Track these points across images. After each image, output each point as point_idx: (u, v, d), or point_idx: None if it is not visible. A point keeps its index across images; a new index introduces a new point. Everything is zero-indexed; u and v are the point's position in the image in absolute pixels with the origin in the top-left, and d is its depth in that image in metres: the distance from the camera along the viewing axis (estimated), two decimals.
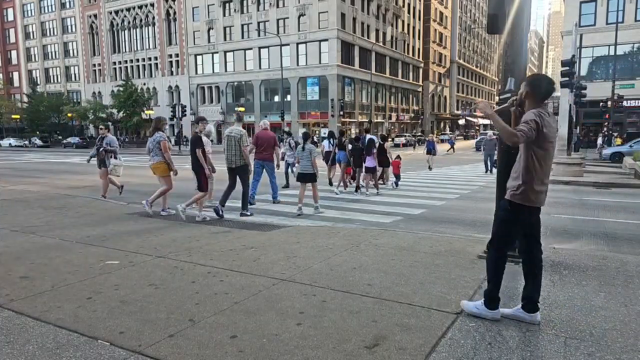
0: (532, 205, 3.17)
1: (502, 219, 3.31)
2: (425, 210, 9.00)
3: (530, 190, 3.12)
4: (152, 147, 8.04)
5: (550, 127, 3.09)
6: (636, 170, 15.05)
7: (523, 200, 3.15)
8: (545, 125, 3.02)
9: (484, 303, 3.34)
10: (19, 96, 70.36)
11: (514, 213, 3.21)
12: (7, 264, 4.78)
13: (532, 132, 2.99)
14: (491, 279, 3.33)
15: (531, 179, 3.12)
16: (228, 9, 53.19)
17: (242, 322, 3.27)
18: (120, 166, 10.55)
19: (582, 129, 33.99)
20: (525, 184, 3.13)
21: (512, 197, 3.20)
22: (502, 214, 3.31)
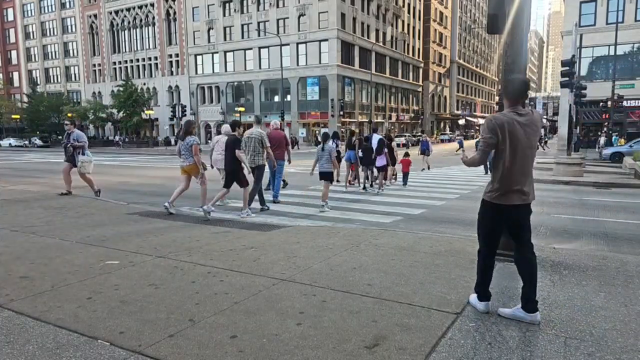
0: (502, 204, 3.24)
1: (479, 218, 3.47)
2: (425, 210, 9.00)
3: (499, 189, 3.24)
4: (184, 149, 8.32)
5: (514, 126, 3.15)
6: (636, 170, 15.05)
7: (492, 199, 3.28)
8: (499, 125, 3.14)
9: (477, 296, 3.51)
10: (19, 96, 70.38)
11: (486, 211, 3.36)
12: (7, 264, 4.78)
13: (485, 152, 3.26)
14: (477, 275, 3.52)
15: (499, 178, 3.24)
16: (228, 9, 53.20)
17: (242, 322, 3.27)
18: (89, 162, 10.13)
19: (582, 129, 34.00)
20: (493, 182, 3.29)
21: (484, 195, 3.38)
22: (479, 212, 3.47)
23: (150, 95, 56.91)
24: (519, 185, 3.22)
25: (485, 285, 3.46)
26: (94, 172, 10.37)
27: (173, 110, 39.26)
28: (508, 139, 3.15)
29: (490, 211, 3.32)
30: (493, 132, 3.17)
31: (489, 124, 3.20)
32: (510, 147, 3.16)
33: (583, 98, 23.28)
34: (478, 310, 3.47)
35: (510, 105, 3.25)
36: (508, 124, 3.15)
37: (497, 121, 3.17)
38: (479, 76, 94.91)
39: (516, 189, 3.22)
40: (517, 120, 3.17)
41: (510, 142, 3.15)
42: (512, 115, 3.18)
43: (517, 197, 3.23)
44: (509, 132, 3.15)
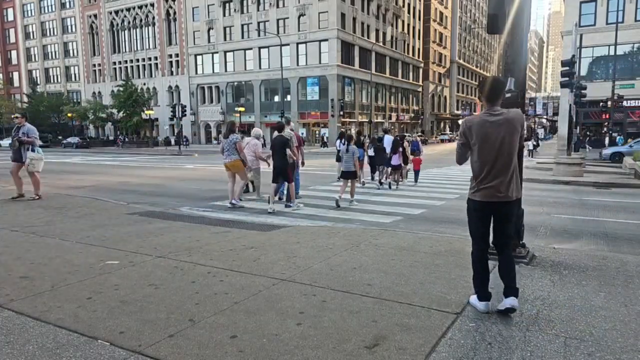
0: (480, 200, 3.36)
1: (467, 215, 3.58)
2: (425, 210, 9.00)
3: (475, 186, 3.40)
4: (228, 147, 9.12)
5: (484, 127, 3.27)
6: (636, 170, 15.05)
7: (470, 195, 3.46)
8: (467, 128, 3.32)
9: (476, 296, 3.54)
10: (19, 96, 70.37)
11: (468, 208, 3.51)
12: (7, 264, 4.78)
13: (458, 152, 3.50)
14: (473, 273, 3.58)
15: (475, 175, 3.39)
16: (228, 9, 53.20)
17: (242, 322, 3.27)
18: (38, 160, 9.37)
19: (582, 129, 34.01)
20: (472, 180, 3.46)
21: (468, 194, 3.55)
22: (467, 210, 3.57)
23: (150, 95, 56.90)
24: (493, 182, 3.30)
25: (484, 285, 3.48)
26: (94, 172, 10.35)
27: (173, 111, 39.21)
28: (478, 139, 3.28)
29: (471, 208, 3.46)
30: (462, 134, 3.38)
31: (461, 126, 3.43)
32: (480, 147, 3.29)
33: (583, 98, 23.28)
34: (478, 310, 3.48)
35: (486, 105, 3.36)
36: (477, 125, 3.29)
37: (467, 123, 3.36)
38: (479, 76, 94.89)
39: (490, 186, 3.31)
40: (488, 120, 3.28)
41: (482, 142, 3.27)
42: (484, 116, 3.31)
43: (492, 194, 3.32)
44: (479, 133, 3.27)
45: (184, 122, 45.12)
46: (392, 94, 61.06)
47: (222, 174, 8.78)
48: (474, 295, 3.59)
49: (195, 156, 32.48)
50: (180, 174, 17.73)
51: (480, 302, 3.48)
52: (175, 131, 45.05)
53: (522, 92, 4.82)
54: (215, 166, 22.14)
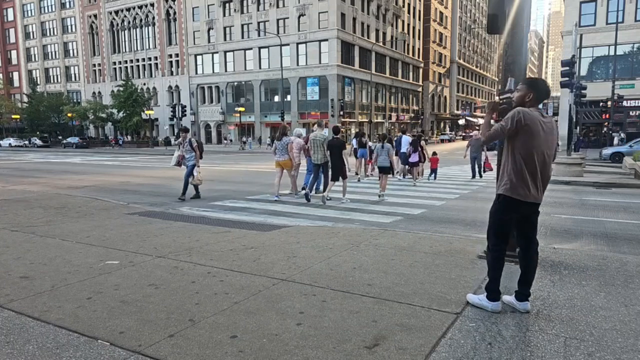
0: (518, 199, 3.26)
1: (493, 212, 3.46)
2: (425, 210, 9.00)
3: (516, 183, 3.25)
4: (281, 148, 10.32)
5: (535, 123, 3.17)
6: (636, 170, 15.05)
7: (507, 192, 3.29)
8: (525, 118, 3.15)
9: (486, 295, 3.49)
10: (19, 96, 70.40)
11: (501, 204, 3.36)
12: (7, 264, 4.78)
13: (497, 133, 3.28)
14: (489, 273, 3.51)
15: (515, 171, 3.25)
16: (228, 9, 53.19)
17: (242, 322, 3.27)
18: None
19: (582, 129, 34.01)
20: (509, 176, 3.29)
21: (499, 190, 3.39)
22: (493, 207, 3.46)
23: (150, 95, 56.94)
24: (530, 183, 3.24)
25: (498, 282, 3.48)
26: (94, 172, 10.36)
27: (173, 110, 39.27)
28: (529, 134, 3.16)
29: (504, 206, 3.34)
30: (514, 121, 3.16)
31: (515, 114, 3.18)
32: (527, 143, 3.18)
33: (583, 98, 23.28)
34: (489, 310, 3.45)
35: (534, 105, 3.27)
36: (533, 120, 3.16)
37: (524, 114, 3.16)
38: (479, 76, 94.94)
39: (527, 186, 3.24)
40: (542, 120, 3.21)
41: (530, 139, 3.17)
42: (537, 114, 3.21)
43: (527, 194, 3.25)
44: (534, 129, 3.16)
45: (184, 122, 45.04)
46: (392, 94, 61.06)
47: (222, 174, 8.84)
48: (475, 296, 3.61)
49: None
50: (180, 174, 17.66)
51: (492, 302, 3.46)
52: (175, 131, 45.04)
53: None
54: (216, 166, 22.15)
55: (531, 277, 3.45)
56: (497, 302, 3.44)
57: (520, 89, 3.37)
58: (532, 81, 3.38)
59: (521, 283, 3.47)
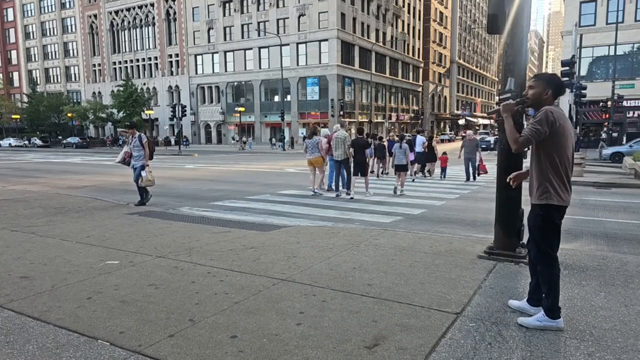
0: (565, 205, 3.10)
1: (539, 226, 3.15)
2: (425, 210, 9.00)
3: (561, 189, 3.06)
4: (312, 146, 11.22)
5: (566, 121, 3.04)
6: (636, 170, 15.04)
7: (553, 200, 3.06)
8: (559, 117, 2.98)
9: (546, 314, 3.15)
10: (19, 96, 70.38)
11: (550, 216, 3.10)
12: (7, 264, 4.78)
13: (534, 138, 2.99)
14: (550, 290, 3.16)
15: (558, 175, 3.05)
16: (228, 9, 53.18)
17: (242, 322, 3.27)
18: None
19: (583, 129, 34.00)
20: (548, 182, 3.06)
21: (539, 200, 3.10)
22: (536, 220, 3.15)
23: (150, 95, 56.91)
24: (569, 185, 3.09)
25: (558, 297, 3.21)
26: (94, 172, 10.32)
27: (173, 110, 39.22)
28: (564, 135, 3.01)
29: (555, 216, 3.08)
30: (550, 123, 2.95)
31: (549, 115, 2.95)
32: (561, 143, 3.02)
33: (583, 98, 23.29)
34: (553, 329, 3.13)
35: (551, 102, 3.08)
36: (564, 119, 3.02)
37: (557, 115, 2.96)
38: (479, 76, 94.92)
39: (569, 190, 3.09)
40: (566, 117, 3.07)
41: (563, 138, 3.02)
42: (563, 111, 3.05)
43: (568, 198, 3.09)
44: (566, 129, 3.01)
45: (184, 122, 45.10)
46: (392, 94, 61.05)
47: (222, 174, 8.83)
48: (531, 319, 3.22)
49: (196, 156, 32.48)
50: (181, 174, 17.73)
51: (556, 320, 3.14)
52: (175, 131, 45.03)
53: (522, 92, 4.81)
54: (216, 166, 22.15)
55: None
56: (561, 319, 3.16)
57: (535, 85, 3.12)
58: (550, 77, 3.14)
59: (537, 288, 3.30)
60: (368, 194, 11.02)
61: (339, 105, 46.53)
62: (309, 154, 11.31)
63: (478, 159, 14.37)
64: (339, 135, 10.96)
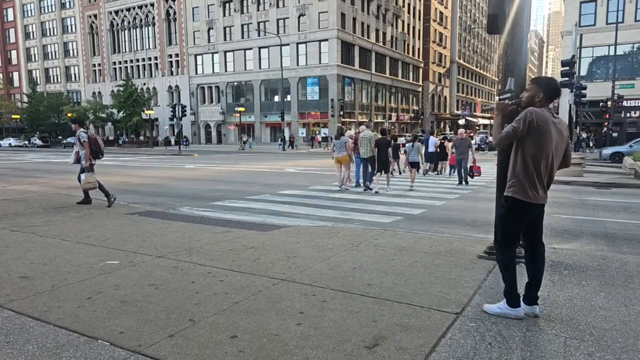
0: (528, 201, 3.21)
1: (501, 216, 3.40)
2: (425, 210, 9.00)
3: (525, 185, 3.19)
4: (339, 145, 12.16)
5: (547, 123, 3.11)
6: (636, 170, 15.04)
7: (516, 194, 3.21)
8: (537, 118, 3.08)
9: (506, 302, 3.37)
10: (19, 96, 70.38)
11: (511, 207, 3.28)
12: (7, 264, 4.78)
13: (510, 135, 3.19)
14: (504, 278, 3.39)
15: (525, 173, 3.19)
16: (228, 9, 53.18)
17: (242, 322, 3.27)
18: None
19: (582, 129, 34.01)
20: (515, 177, 3.23)
21: (506, 192, 3.30)
22: (501, 210, 3.41)
23: (150, 95, 56.90)
24: (539, 184, 3.20)
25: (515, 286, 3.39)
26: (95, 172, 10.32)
27: (173, 110, 39.20)
28: (540, 134, 3.11)
29: (515, 208, 3.26)
30: (527, 122, 3.09)
31: (527, 115, 3.10)
32: (537, 144, 3.13)
33: (583, 98, 23.29)
34: (511, 317, 3.33)
35: (544, 104, 3.21)
36: (545, 120, 3.11)
37: (535, 114, 3.09)
38: (479, 76, 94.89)
39: (537, 188, 3.20)
40: (553, 120, 3.16)
41: (542, 139, 3.12)
42: (549, 114, 3.16)
43: (536, 196, 3.21)
44: (544, 130, 3.11)
45: (184, 122, 45.05)
46: (392, 94, 61.03)
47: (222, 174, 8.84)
48: (494, 305, 3.47)
49: (196, 156, 32.48)
50: (181, 174, 17.73)
51: (514, 308, 3.35)
52: (175, 131, 45.02)
53: (522, 92, 4.81)
54: (216, 166, 22.15)
55: (539, 280, 3.38)
56: (520, 308, 3.34)
57: (529, 89, 3.29)
58: (542, 80, 3.30)
59: (529, 286, 3.39)
60: (389, 189, 11.90)
61: (339, 105, 46.53)
62: (337, 153, 12.25)
63: (471, 160, 13.61)
64: (365, 135, 11.97)
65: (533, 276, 3.39)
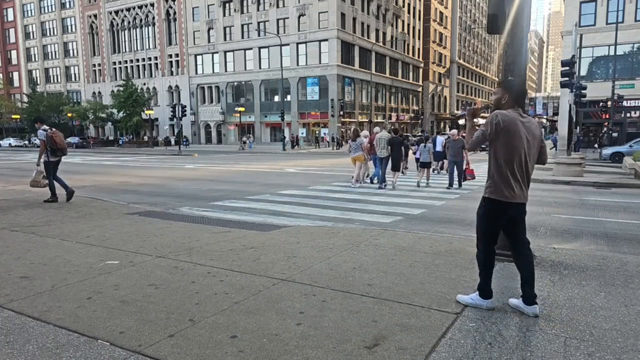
0: (502, 200, 3.30)
1: (480, 215, 3.49)
2: (425, 210, 9.00)
3: (499, 185, 3.30)
4: (355, 146, 13.07)
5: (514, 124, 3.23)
6: (636, 170, 15.05)
7: (492, 194, 3.33)
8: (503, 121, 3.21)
9: (478, 294, 3.52)
10: (19, 96, 70.36)
11: (486, 207, 3.40)
12: (7, 264, 4.78)
13: (479, 139, 3.36)
14: (480, 274, 3.53)
15: (498, 174, 3.30)
16: (228, 9, 53.19)
17: (242, 322, 3.27)
18: None
19: (582, 129, 34.00)
20: (492, 178, 3.34)
21: (487, 193, 3.40)
22: (479, 209, 3.49)
23: (150, 95, 56.90)
24: (514, 183, 3.29)
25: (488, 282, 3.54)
26: (94, 172, 10.31)
27: (173, 110, 39.21)
28: (509, 136, 3.23)
29: (489, 208, 3.38)
30: (493, 125, 3.24)
31: (493, 117, 3.25)
32: (507, 145, 3.25)
33: (583, 98, 23.28)
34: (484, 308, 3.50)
35: (512, 106, 3.34)
36: (511, 121, 3.23)
37: (501, 117, 3.23)
38: (479, 76, 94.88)
39: (511, 187, 3.28)
40: (521, 120, 3.27)
41: (511, 140, 3.24)
42: (516, 115, 3.28)
43: (512, 195, 3.30)
44: (512, 131, 3.23)
45: (184, 122, 45.07)
46: (392, 94, 61.03)
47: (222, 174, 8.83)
48: (466, 296, 3.64)
49: (196, 156, 32.49)
50: (181, 174, 17.73)
51: (485, 299, 3.52)
52: (175, 131, 45.04)
53: None
54: (216, 166, 22.16)
55: (530, 277, 3.40)
56: (491, 300, 3.49)
57: (496, 92, 3.45)
58: (506, 83, 3.47)
59: (523, 285, 3.43)
60: (396, 185, 12.74)
61: (339, 105, 46.54)
62: (353, 153, 13.16)
63: (465, 162, 12.93)
64: (382, 135, 12.86)
65: (522, 276, 3.46)
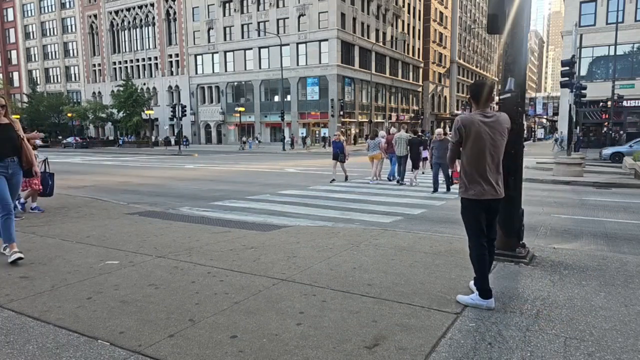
0: (475, 199, 3.48)
1: (461, 214, 3.70)
2: (425, 210, 9.00)
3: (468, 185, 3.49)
4: (373, 145, 13.99)
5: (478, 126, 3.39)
6: (636, 170, 15.04)
7: (465, 195, 3.53)
8: (464, 126, 3.42)
9: (478, 294, 3.54)
10: (19, 96, 70.37)
11: (465, 207, 3.61)
12: (7, 264, 4.78)
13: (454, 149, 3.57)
14: (476, 272, 3.59)
15: (466, 174, 3.50)
16: (228, 9, 53.17)
17: (242, 322, 3.27)
18: None
19: (582, 129, 34.01)
20: (462, 179, 3.55)
21: (460, 194, 3.63)
22: (462, 210, 3.69)
23: (150, 95, 56.91)
24: (484, 181, 3.45)
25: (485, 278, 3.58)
26: (94, 172, 10.32)
27: (173, 110, 39.24)
28: (472, 137, 3.41)
29: (467, 207, 3.58)
30: (457, 131, 3.47)
31: (455, 124, 3.48)
32: (473, 146, 3.42)
33: (583, 98, 23.27)
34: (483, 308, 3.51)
35: (477, 108, 3.51)
36: (472, 123, 3.41)
37: (462, 121, 3.44)
38: (479, 76, 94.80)
39: (482, 185, 3.45)
40: (482, 121, 3.42)
41: (475, 140, 3.41)
42: (478, 116, 3.44)
43: (483, 192, 3.46)
44: (473, 132, 3.40)
45: (184, 122, 45.09)
46: (392, 94, 61.03)
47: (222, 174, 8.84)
48: (467, 296, 3.65)
49: (196, 156, 32.49)
50: (181, 174, 17.73)
51: (486, 300, 3.53)
52: (175, 131, 45.04)
53: (522, 92, 4.81)
54: (216, 166, 22.16)
55: (487, 270, 3.58)
56: (491, 299, 3.51)
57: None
58: (470, 86, 3.65)
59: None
60: (415, 182, 13.40)
61: (339, 105, 46.52)
62: (370, 152, 14.03)
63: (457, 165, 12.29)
64: (401, 135, 13.52)
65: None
